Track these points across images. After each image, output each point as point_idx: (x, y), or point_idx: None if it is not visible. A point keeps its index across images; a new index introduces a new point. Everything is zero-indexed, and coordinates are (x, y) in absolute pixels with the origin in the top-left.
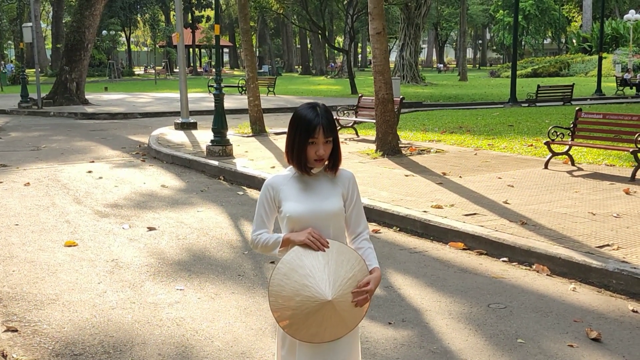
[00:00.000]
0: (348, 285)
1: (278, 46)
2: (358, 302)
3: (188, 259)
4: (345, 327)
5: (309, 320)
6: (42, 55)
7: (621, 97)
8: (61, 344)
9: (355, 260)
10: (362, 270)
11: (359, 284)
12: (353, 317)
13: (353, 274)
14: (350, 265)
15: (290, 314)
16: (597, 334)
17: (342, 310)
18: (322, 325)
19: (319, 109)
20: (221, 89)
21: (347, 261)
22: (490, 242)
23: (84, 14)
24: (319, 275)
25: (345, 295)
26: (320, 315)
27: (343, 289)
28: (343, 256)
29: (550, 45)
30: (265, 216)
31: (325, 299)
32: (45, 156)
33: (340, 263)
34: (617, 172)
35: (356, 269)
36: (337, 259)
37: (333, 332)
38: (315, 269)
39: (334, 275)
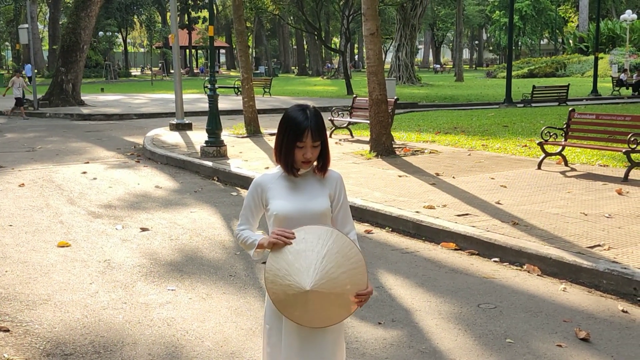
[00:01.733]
0: (336, 277)
1: (274, 47)
2: (358, 304)
3: (180, 260)
4: (329, 319)
5: (294, 302)
6: (39, 56)
7: (617, 97)
8: (52, 344)
9: (350, 251)
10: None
11: (363, 291)
12: (338, 312)
13: (345, 267)
14: (343, 256)
15: (280, 293)
16: (586, 334)
17: (324, 301)
18: (306, 311)
19: (308, 112)
20: (215, 89)
21: (340, 252)
22: (482, 242)
23: (80, 15)
24: (305, 264)
25: (330, 287)
26: (302, 300)
27: (327, 280)
28: (338, 247)
29: (546, 46)
30: (250, 214)
31: (304, 288)
32: (40, 157)
33: (333, 254)
34: (610, 172)
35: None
36: (331, 249)
37: (317, 321)
38: (303, 257)
39: (322, 265)
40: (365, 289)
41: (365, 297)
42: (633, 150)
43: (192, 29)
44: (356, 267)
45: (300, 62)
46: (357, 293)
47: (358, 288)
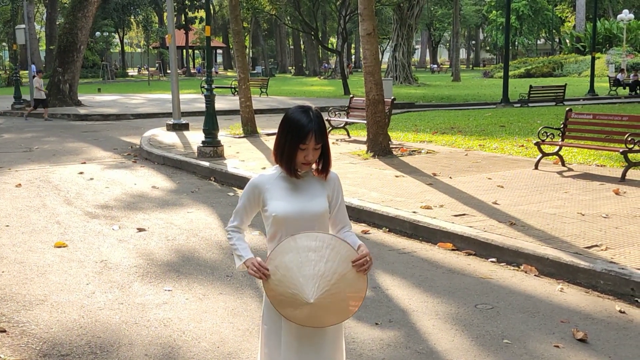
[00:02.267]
0: (334, 283)
1: (271, 47)
2: (361, 270)
3: (177, 260)
4: (330, 319)
5: (295, 305)
6: (36, 56)
7: (614, 97)
8: (49, 345)
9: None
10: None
11: (357, 257)
12: (339, 316)
13: (346, 274)
14: (344, 261)
15: (280, 299)
16: (583, 335)
17: (326, 307)
18: (306, 314)
19: (311, 114)
20: (212, 89)
21: (341, 259)
22: (479, 242)
23: (77, 16)
24: (308, 274)
25: (330, 294)
26: (303, 308)
27: (327, 289)
28: (334, 253)
29: (543, 46)
30: (244, 212)
31: (307, 301)
32: (37, 157)
33: (330, 262)
34: (607, 172)
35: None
36: (327, 256)
37: (317, 321)
38: (305, 267)
39: (324, 276)
40: (364, 293)
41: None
42: (630, 150)
43: (189, 29)
44: (356, 272)
45: (297, 62)
46: (355, 259)
47: (359, 294)
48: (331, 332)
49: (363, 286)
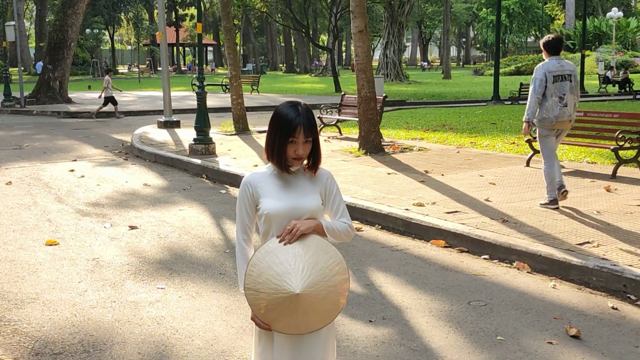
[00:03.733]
0: (321, 278)
1: (262, 44)
2: (281, 238)
3: (169, 258)
4: (321, 320)
5: (282, 311)
6: (26, 54)
7: (604, 94)
8: (41, 343)
9: (333, 255)
10: (340, 265)
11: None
12: (328, 311)
13: (329, 268)
14: (326, 259)
15: (265, 305)
16: (576, 331)
17: (313, 303)
18: (296, 318)
19: (300, 108)
20: (204, 87)
21: (323, 255)
22: (472, 239)
23: (67, 13)
24: (292, 268)
25: (318, 288)
26: (291, 307)
27: (315, 282)
28: (320, 251)
29: (533, 43)
30: (246, 216)
31: (294, 292)
32: (27, 155)
33: (317, 258)
34: (598, 169)
35: (332, 263)
36: (314, 253)
37: (307, 325)
38: (288, 262)
39: (302, 267)
40: (348, 279)
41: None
42: (621, 147)
43: (179, 27)
44: (337, 260)
45: (288, 59)
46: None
47: (344, 284)
48: (324, 330)
49: (345, 271)
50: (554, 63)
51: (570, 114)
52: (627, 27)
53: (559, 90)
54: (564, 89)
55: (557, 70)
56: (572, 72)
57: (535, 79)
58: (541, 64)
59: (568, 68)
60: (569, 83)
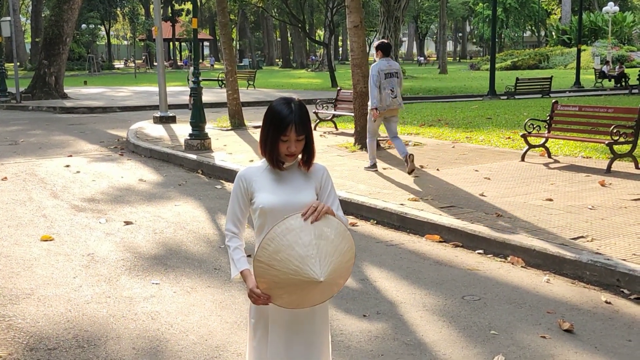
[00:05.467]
0: (338, 265)
1: (259, 39)
2: (306, 217)
3: (164, 253)
4: (321, 297)
5: (293, 290)
6: (21, 49)
7: (600, 89)
8: (35, 339)
9: (348, 239)
10: (352, 250)
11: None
12: (330, 291)
13: (344, 254)
14: (344, 245)
15: (276, 281)
16: (569, 325)
17: (328, 284)
18: (305, 297)
19: (293, 105)
20: (199, 82)
21: (341, 240)
22: (466, 234)
23: (63, 8)
24: (315, 252)
25: (335, 275)
26: (307, 290)
27: (334, 270)
28: (340, 235)
29: (529, 38)
30: (238, 210)
31: (317, 279)
32: (23, 150)
33: (337, 243)
34: (593, 164)
35: (347, 248)
36: (335, 237)
37: (313, 301)
38: (312, 245)
39: (325, 253)
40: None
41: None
42: (616, 142)
43: (175, 22)
44: (350, 245)
45: (284, 54)
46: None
47: (350, 269)
48: (318, 324)
49: (353, 262)
50: (385, 63)
51: (400, 103)
52: (623, 22)
53: (390, 85)
54: (393, 84)
55: (387, 68)
56: (398, 70)
57: (372, 76)
58: (375, 64)
59: (395, 67)
60: (397, 79)
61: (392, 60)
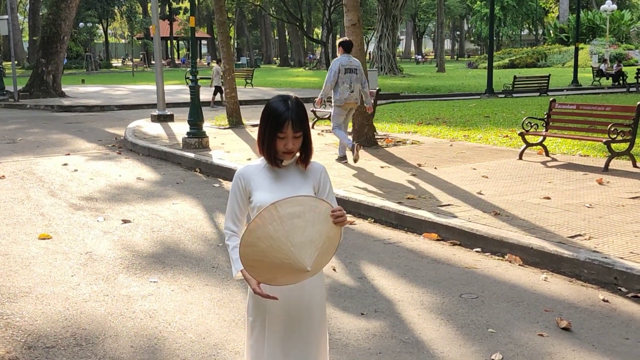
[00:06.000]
0: (322, 244)
1: (256, 38)
2: (338, 222)
3: (162, 252)
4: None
5: (277, 272)
6: (19, 47)
7: (597, 87)
8: (33, 337)
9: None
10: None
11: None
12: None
13: (327, 235)
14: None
15: (260, 265)
16: (567, 324)
17: (315, 268)
18: (288, 277)
19: (290, 103)
20: (197, 80)
21: (320, 218)
22: (464, 232)
23: (60, 6)
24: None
25: (320, 256)
26: (292, 273)
27: (318, 252)
28: (317, 214)
29: (527, 36)
30: (237, 208)
31: (305, 269)
32: (21, 149)
33: (317, 224)
34: (590, 162)
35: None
36: (313, 220)
37: (296, 279)
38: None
39: (311, 240)
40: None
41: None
42: (613, 140)
43: (173, 20)
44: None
45: (282, 53)
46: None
47: (334, 247)
48: (316, 323)
49: (337, 239)
50: (346, 59)
51: (357, 98)
52: (620, 20)
53: (348, 80)
54: (351, 79)
55: (347, 64)
56: (358, 67)
57: (331, 70)
58: (336, 59)
59: (355, 64)
60: (355, 75)
61: (353, 57)
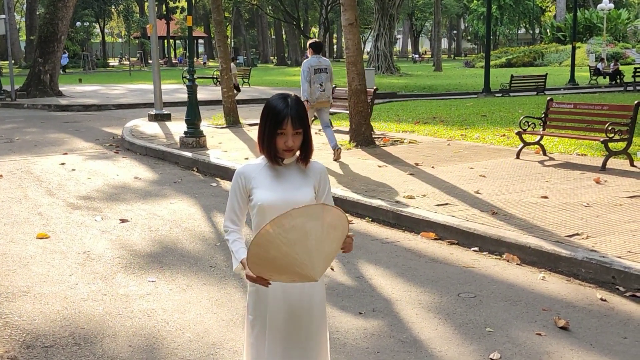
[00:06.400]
0: (332, 255)
1: (253, 37)
2: (346, 249)
3: (160, 251)
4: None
5: (283, 275)
6: (16, 47)
7: (594, 86)
8: (32, 336)
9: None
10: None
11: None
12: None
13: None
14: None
15: (267, 269)
16: (565, 323)
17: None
18: (291, 279)
19: (289, 100)
20: (194, 80)
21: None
22: (462, 232)
23: (57, 6)
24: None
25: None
26: (297, 278)
27: (327, 262)
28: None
29: (524, 35)
30: (237, 207)
31: (314, 279)
32: (18, 148)
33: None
34: (588, 161)
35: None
36: (323, 227)
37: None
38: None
39: (320, 250)
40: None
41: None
42: (611, 139)
43: (170, 19)
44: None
45: (279, 52)
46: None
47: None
48: (316, 321)
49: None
50: (315, 59)
51: (328, 96)
52: (618, 19)
53: (319, 79)
54: (322, 79)
55: (316, 64)
56: (328, 66)
57: (303, 71)
58: (306, 60)
59: (324, 64)
60: (326, 74)
61: (323, 58)
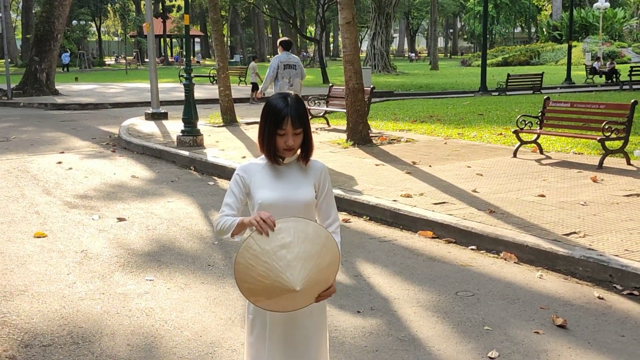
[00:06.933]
0: (315, 269)
1: (250, 36)
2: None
3: (158, 250)
4: (309, 300)
5: (274, 297)
6: (12, 45)
7: (591, 85)
8: (30, 335)
9: (325, 241)
10: (332, 250)
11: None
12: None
13: (321, 259)
14: (319, 246)
15: (257, 290)
16: (562, 321)
17: (307, 290)
18: (286, 302)
19: (289, 100)
20: (191, 78)
21: (316, 243)
22: (459, 230)
23: (54, 4)
24: (289, 261)
25: (312, 278)
26: (286, 296)
27: (310, 275)
28: (313, 237)
29: (520, 34)
30: (234, 197)
31: (294, 289)
32: (15, 147)
33: (310, 246)
34: (585, 160)
35: (325, 251)
36: (306, 240)
37: (296, 305)
38: (284, 254)
39: (303, 261)
40: (339, 262)
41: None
42: (607, 138)
43: (166, 18)
44: (334, 258)
45: (275, 50)
46: (319, 294)
47: (335, 267)
48: (316, 320)
49: (337, 257)
50: (285, 56)
51: (297, 91)
52: (614, 18)
53: (287, 75)
54: (290, 74)
55: (286, 60)
56: (297, 63)
57: (270, 66)
58: (276, 56)
59: (293, 60)
60: (294, 70)
61: (292, 55)
